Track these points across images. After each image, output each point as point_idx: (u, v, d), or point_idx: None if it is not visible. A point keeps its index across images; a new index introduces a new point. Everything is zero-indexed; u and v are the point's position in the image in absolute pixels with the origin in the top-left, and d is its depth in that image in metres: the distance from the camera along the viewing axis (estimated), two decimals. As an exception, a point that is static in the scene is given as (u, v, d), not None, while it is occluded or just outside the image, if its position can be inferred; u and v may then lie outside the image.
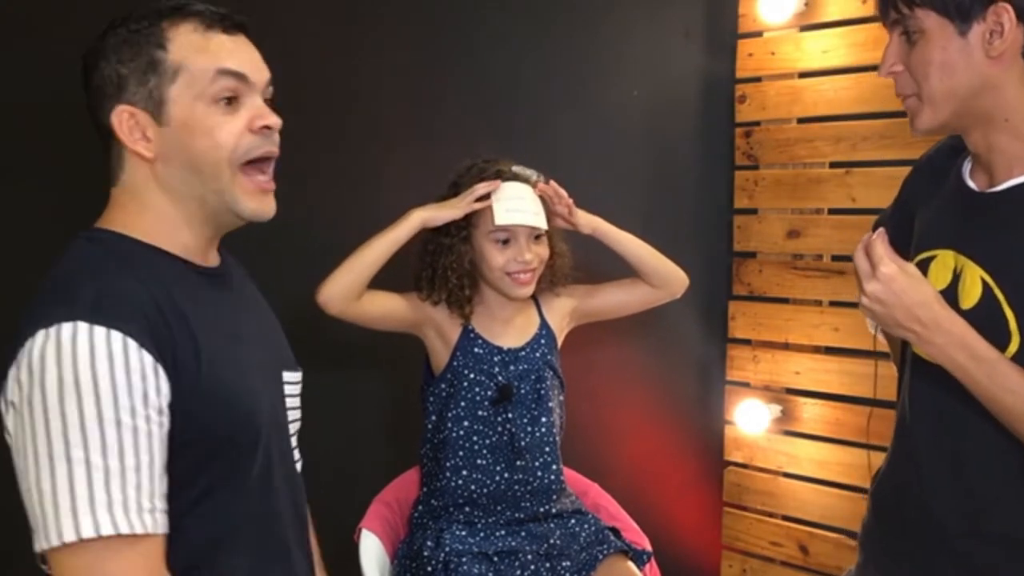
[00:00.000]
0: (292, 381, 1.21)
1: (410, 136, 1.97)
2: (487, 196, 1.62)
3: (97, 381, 0.89)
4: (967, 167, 1.22)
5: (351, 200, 1.75)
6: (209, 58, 1.03)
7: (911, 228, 1.29)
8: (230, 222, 1.10)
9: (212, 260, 1.12)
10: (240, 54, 1.06)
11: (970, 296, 1.14)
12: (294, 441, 1.21)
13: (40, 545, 0.88)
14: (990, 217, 1.16)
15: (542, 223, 1.63)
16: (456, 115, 2.04)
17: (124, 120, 1.02)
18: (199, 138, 1.03)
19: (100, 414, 0.89)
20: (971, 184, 1.20)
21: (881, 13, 1.18)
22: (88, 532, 0.86)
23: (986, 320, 1.10)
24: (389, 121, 1.95)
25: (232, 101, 1.04)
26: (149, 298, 0.97)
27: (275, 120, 1.07)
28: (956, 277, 1.17)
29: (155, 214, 1.06)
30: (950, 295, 1.14)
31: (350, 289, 1.58)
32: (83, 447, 0.87)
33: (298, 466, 1.22)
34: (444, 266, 1.65)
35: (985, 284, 1.13)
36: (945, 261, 1.19)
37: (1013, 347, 1.10)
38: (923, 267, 1.20)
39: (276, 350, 1.20)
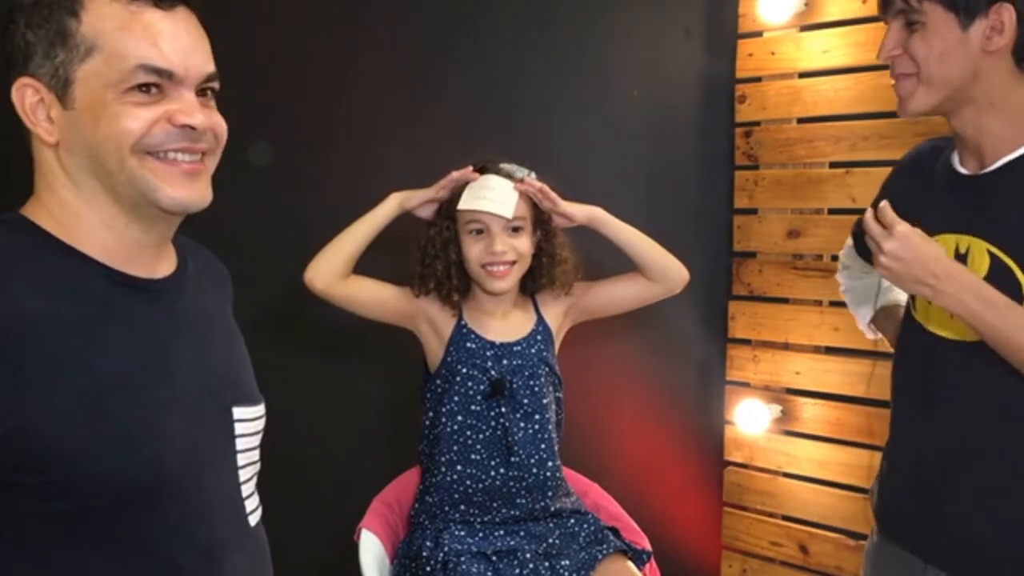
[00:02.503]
0: (248, 418, 1.03)
1: (410, 136, 1.98)
2: (465, 186, 1.66)
3: None
4: (955, 157, 1.29)
5: (350, 201, 1.75)
6: (131, 43, 0.86)
7: None
8: (157, 217, 0.92)
9: (157, 269, 0.95)
10: (172, 42, 0.88)
11: (979, 270, 1.20)
12: (248, 489, 1.03)
13: None
14: (988, 195, 1.23)
15: (505, 212, 1.63)
16: (456, 115, 2.04)
17: (27, 96, 0.87)
18: (102, 126, 0.86)
19: None
20: (962, 170, 1.28)
21: (884, 4, 1.25)
22: None
23: (1000, 287, 1.16)
24: (389, 121, 1.96)
25: (150, 90, 0.88)
26: (30, 299, 0.80)
27: (202, 120, 0.90)
28: (960, 256, 1.23)
29: (65, 207, 0.89)
30: None
31: (333, 267, 1.63)
32: None
33: (255, 516, 1.04)
34: (431, 255, 1.68)
35: (992, 255, 1.20)
36: (947, 245, 1.25)
37: None
38: None
39: (225, 381, 1.01)
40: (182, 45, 0.89)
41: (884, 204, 1.18)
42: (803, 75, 2.26)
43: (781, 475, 2.39)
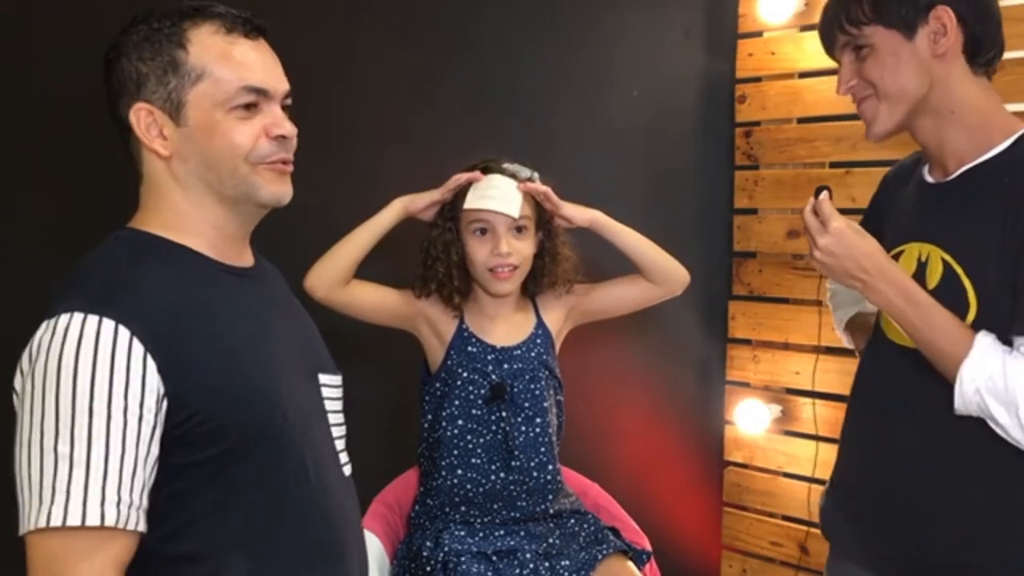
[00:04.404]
0: (331, 384, 1.21)
1: (408, 136, 1.97)
2: (468, 187, 1.65)
3: (78, 369, 0.90)
4: (926, 168, 1.33)
5: (348, 201, 1.75)
6: (233, 69, 1.03)
7: (882, 236, 1.37)
8: (252, 212, 1.11)
9: (244, 259, 1.13)
10: (263, 65, 1.07)
11: (934, 276, 1.23)
12: (340, 444, 1.21)
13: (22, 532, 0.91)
14: (946, 203, 1.26)
15: (512, 211, 1.63)
16: (455, 115, 2.04)
17: (142, 118, 1.03)
18: (216, 140, 1.04)
19: (74, 403, 0.90)
20: (929, 179, 1.32)
21: (828, 43, 1.30)
22: (40, 523, 0.88)
23: (949, 294, 1.19)
24: (387, 121, 1.95)
25: (251, 108, 1.05)
26: (163, 289, 0.99)
27: (290, 129, 1.08)
28: (922, 264, 1.26)
29: (174, 211, 1.07)
30: (918, 279, 1.23)
31: (335, 274, 1.62)
32: (53, 436, 0.89)
33: (347, 469, 1.22)
34: (433, 257, 1.67)
35: (945, 263, 1.22)
36: (911, 253, 1.28)
37: (971, 315, 1.19)
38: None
39: (311, 351, 1.20)
40: (269, 68, 1.08)
41: (823, 197, 1.22)
42: (803, 75, 2.26)
43: (781, 475, 2.39)
